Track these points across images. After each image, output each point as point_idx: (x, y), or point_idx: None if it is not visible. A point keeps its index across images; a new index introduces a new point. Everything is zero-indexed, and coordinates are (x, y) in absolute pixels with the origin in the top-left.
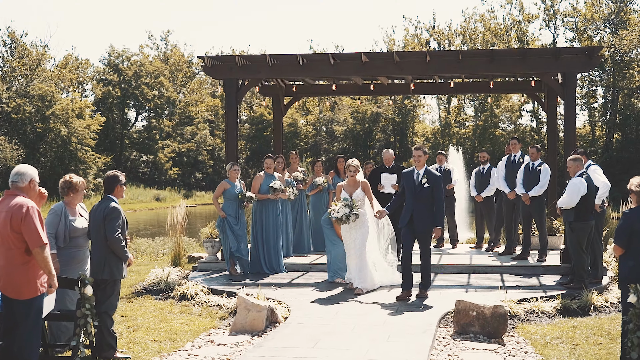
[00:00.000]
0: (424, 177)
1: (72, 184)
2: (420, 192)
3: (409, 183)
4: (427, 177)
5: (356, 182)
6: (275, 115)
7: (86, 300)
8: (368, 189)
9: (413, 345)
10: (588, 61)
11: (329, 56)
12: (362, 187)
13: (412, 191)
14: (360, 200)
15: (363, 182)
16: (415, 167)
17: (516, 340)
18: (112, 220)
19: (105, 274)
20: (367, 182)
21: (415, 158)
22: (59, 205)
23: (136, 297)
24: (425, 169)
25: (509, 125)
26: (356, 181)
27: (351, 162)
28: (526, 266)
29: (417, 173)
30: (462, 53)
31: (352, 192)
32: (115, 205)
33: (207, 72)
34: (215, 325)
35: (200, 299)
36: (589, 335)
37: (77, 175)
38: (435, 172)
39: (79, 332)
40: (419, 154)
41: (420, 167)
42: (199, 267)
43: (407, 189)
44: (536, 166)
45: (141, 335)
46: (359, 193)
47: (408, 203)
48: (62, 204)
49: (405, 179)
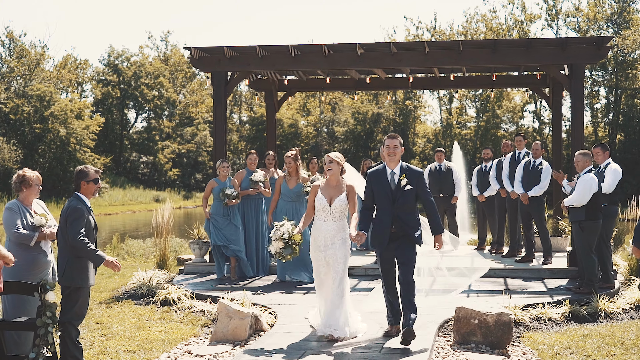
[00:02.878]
0: (402, 177)
1: (25, 178)
2: (401, 198)
3: (380, 187)
4: (407, 175)
5: (339, 184)
6: (268, 111)
7: (47, 307)
8: (353, 196)
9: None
10: (597, 52)
11: (322, 47)
12: (348, 192)
13: (389, 198)
14: (342, 210)
15: (349, 185)
16: (386, 163)
17: (522, 351)
18: (73, 222)
19: (64, 280)
20: (354, 187)
21: (390, 150)
22: (13, 203)
23: (116, 302)
24: (400, 165)
25: (510, 126)
26: (339, 182)
27: (329, 154)
28: (531, 269)
29: (392, 172)
30: (462, 43)
31: (334, 197)
32: (78, 205)
33: (194, 64)
34: (196, 334)
35: (183, 304)
36: (601, 345)
37: (31, 170)
38: (415, 168)
39: (38, 342)
40: (394, 144)
41: (394, 163)
42: (186, 269)
43: (379, 195)
44: (537, 164)
45: (114, 344)
46: (343, 200)
47: (382, 215)
48: (17, 201)
49: (375, 182)
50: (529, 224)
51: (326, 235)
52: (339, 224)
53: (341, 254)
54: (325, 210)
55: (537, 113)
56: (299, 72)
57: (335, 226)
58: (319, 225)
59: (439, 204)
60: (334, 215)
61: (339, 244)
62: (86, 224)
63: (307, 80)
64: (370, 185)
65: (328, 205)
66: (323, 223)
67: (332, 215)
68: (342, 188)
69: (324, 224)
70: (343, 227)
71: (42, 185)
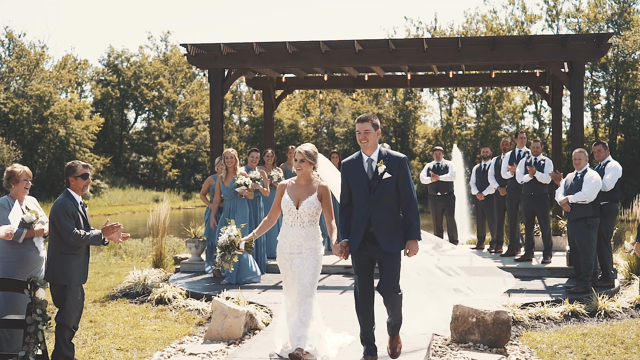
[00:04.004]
0: (379, 164)
1: (13, 174)
2: (378, 188)
3: (356, 177)
4: (387, 162)
5: (310, 184)
6: (266, 109)
7: (37, 305)
8: (327, 199)
9: (405, 356)
10: (597, 49)
11: (319, 44)
12: (320, 194)
13: (365, 190)
14: (311, 215)
15: (322, 186)
16: (362, 151)
17: (520, 350)
18: (60, 220)
19: (49, 277)
20: (328, 189)
21: (360, 137)
22: (4, 199)
23: (110, 301)
24: (379, 151)
25: (511, 126)
26: (310, 181)
27: (300, 149)
28: (530, 268)
29: (369, 159)
30: (461, 40)
31: (301, 198)
32: (64, 202)
33: (191, 62)
34: (190, 332)
35: (178, 302)
36: (601, 344)
37: (20, 165)
38: (396, 153)
39: (28, 340)
40: (364, 128)
41: (370, 149)
42: (182, 268)
43: (355, 187)
44: (539, 161)
45: (107, 343)
46: (312, 203)
47: (358, 211)
48: (7, 197)
49: (349, 173)
50: (531, 223)
51: (292, 242)
52: (308, 230)
53: (309, 265)
54: (291, 214)
55: (537, 114)
56: (296, 70)
57: (304, 233)
58: (285, 231)
59: (437, 203)
60: (301, 219)
61: (307, 253)
62: (75, 219)
63: (305, 78)
64: (345, 177)
65: (295, 208)
66: (290, 228)
67: (299, 219)
68: (312, 189)
69: (290, 229)
70: (313, 235)
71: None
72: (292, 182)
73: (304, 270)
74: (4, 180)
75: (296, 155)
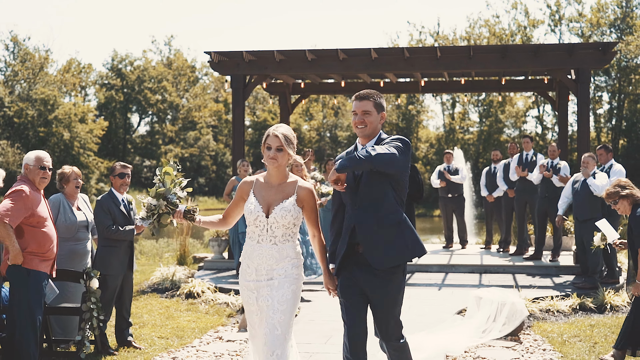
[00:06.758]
0: None
1: (64, 175)
2: (367, 184)
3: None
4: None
5: (285, 183)
6: (282, 114)
7: (91, 294)
8: (312, 206)
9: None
10: (602, 57)
11: (337, 52)
12: (301, 197)
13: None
14: (286, 226)
15: (304, 188)
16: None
17: (533, 338)
18: (96, 215)
19: (94, 266)
20: (313, 193)
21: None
22: (56, 197)
23: (141, 295)
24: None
25: (513, 130)
26: (285, 179)
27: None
28: (539, 266)
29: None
30: (473, 49)
31: (273, 203)
32: (103, 199)
33: (214, 68)
34: (223, 323)
35: (207, 297)
36: (608, 334)
37: (69, 166)
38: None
39: (84, 326)
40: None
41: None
42: (205, 266)
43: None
44: (555, 165)
45: (147, 331)
46: (289, 210)
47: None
48: (61, 195)
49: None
50: (543, 224)
51: (260, 264)
52: (282, 248)
53: (281, 298)
54: (259, 224)
55: (540, 118)
56: (312, 76)
57: (276, 252)
58: (249, 249)
59: (448, 205)
60: (273, 232)
61: (280, 280)
62: (112, 215)
63: (319, 83)
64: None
65: (264, 216)
66: (256, 245)
67: (270, 232)
68: (288, 190)
69: (257, 247)
70: (289, 255)
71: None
72: (261, 179)
73: (273, 306)
74: (57, 182)
75: (270, 140)
